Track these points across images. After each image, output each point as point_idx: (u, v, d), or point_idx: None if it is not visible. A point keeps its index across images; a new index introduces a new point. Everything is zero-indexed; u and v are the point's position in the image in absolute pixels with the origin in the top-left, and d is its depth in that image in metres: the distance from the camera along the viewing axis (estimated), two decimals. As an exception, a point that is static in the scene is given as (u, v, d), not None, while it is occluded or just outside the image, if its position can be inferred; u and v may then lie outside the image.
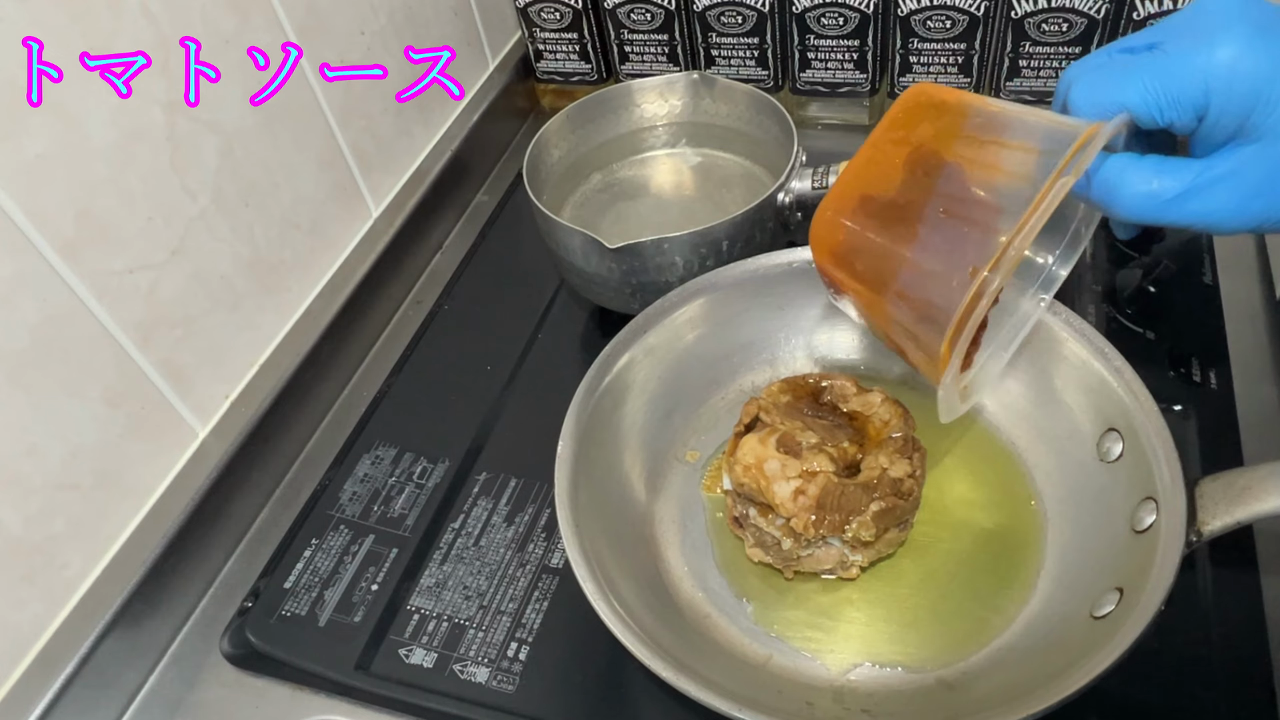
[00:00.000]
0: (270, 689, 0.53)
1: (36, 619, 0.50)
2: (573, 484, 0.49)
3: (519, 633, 0.52)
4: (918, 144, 0.43)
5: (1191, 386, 0.58)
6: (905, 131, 0.44)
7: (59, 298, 0.48)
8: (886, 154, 0.44)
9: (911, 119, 0.44)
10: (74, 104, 0.48)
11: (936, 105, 0.43)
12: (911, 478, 0.49)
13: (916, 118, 0.44)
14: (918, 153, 0.43)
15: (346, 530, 0.58)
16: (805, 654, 0.49)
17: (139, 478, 0.55)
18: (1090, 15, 0.69)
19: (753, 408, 0.53)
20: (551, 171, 0.73)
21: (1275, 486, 0.42)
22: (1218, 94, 0.36)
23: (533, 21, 0.84)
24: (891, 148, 0.44)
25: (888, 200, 0.43)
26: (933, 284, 0.41)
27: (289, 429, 0.64)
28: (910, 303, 0.43)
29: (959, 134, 0.42)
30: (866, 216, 0.44)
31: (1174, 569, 0.41)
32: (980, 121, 0.41)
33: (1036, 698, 0.39)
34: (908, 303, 0.43)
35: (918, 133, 0.43)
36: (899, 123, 0.44)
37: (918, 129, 0.43)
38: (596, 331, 0.69)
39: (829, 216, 0.46)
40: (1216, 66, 0.36)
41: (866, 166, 0.45)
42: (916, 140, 0.43)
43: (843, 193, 0.45)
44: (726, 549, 0.54)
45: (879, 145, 0.45)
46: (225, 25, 0.56)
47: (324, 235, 0.68)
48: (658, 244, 0.60)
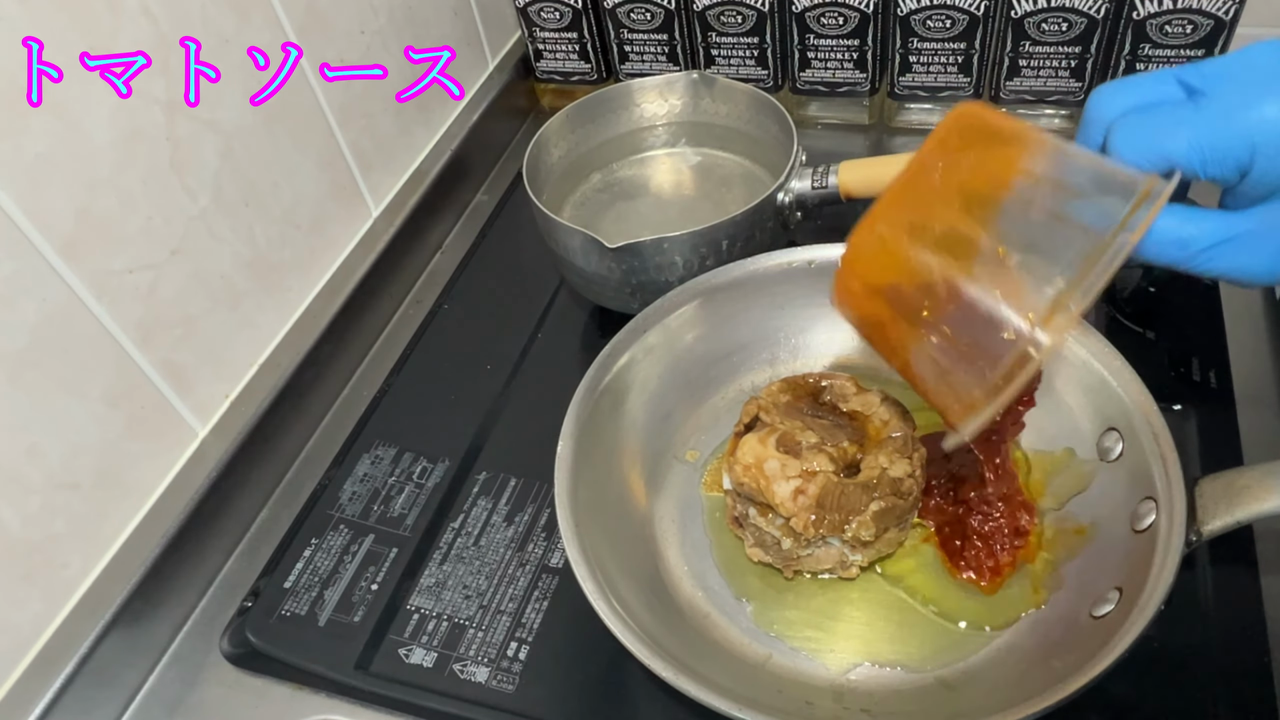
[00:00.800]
0: (270, 688, 0.53)
1: (36, 618, 0.50)
2: (572, 483, 0.49)
3: (519, 632, 0.52)
4: (970, 173, 0.41)
5: (1191, 386, 0.58)
6: (956, 156, 0.42)
7: (59, 297, 0.48)
8: (935, 179, 0.42)
9: (963, 144, 0.42)
10: (74, 104, 0.48)
11: (989, 132, 0.41)
12: (911, 477, 0.49)
13: (968, 143, 0.42)
14: (970, 183, 0.41)
15: (346, 530, 0.58)
16: (805, 653, 0.49)
17: (139, 477, 0.55)
18: (1090, 15, 0.69)
19: (752, 407, 0.53)
20: (551, 171, 0.73)
21: (1275, 486, 0.42)
22: (1264, 152, 0.35)
23: (532, 21, 0.84)
24: (941, 172, 0.42)
25: (941, 229, 0.41)
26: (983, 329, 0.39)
27: (289, 428, 0.64)
28: (951, 342, 0.41)
29: (1013, 167, 0.39)
30: (915, 242, 0.42)
31: (1174, 569, 0.41)
32: (1034, 157, 0.39)
33: (1036, 698, 0.39)
34: (948, 341, 0.41)
35: (969, 160, 0.41)
36: (949, 146, 0.42)
37: (969, 155, 0.41)
38: (596, 331, 0.69)
39: (873, 236, 0.43)
40: (1265, 124, 0.35)
41: (913, 189, 0.43)
42: (968, 169, 0.41)
43: (888, 213, 0.43)
44: (726, 548, 0.54)
45: (927, 168, 0.42)
46: (225, 25, 0.56)
47: (324, 235, 0.68)
48: (657, 243, 0.60)
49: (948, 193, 0.41)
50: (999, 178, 0.40)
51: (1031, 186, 0.39)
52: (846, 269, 0.45)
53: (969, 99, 0.77)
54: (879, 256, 0.43)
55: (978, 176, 0.41)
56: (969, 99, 0.77)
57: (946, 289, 0.40)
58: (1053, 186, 0.39)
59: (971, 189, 0.41)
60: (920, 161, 0.43)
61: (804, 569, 0.51)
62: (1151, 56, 0.70)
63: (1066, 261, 0.37)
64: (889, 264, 0.42)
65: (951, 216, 0.41)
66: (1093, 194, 0.38)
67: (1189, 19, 0.67)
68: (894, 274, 0.42)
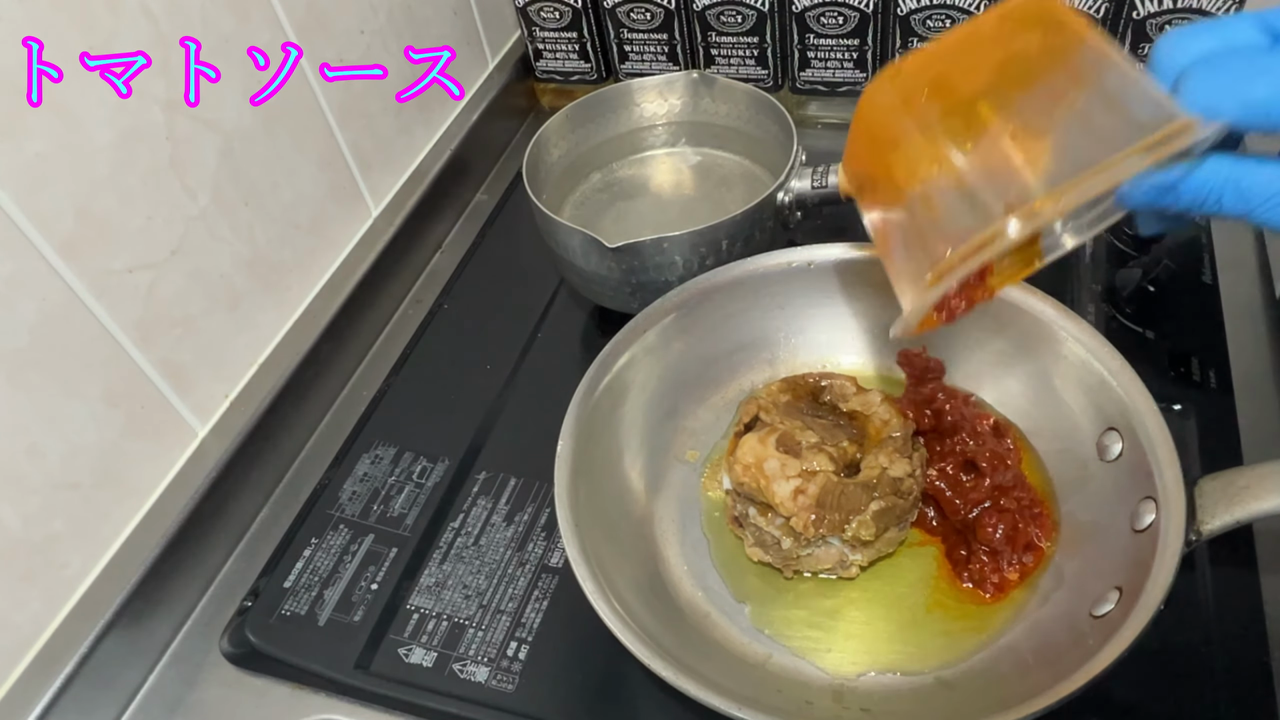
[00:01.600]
0: (270, 688, 0.53)
1: (36, 618, 0.50)
2: (572, 483, 0.49)
3: (518, 632, 0.52)
4: (1018, 51, 0.39)
5: (1191, 386, 0.58)
6: (1013, 29, 0.40)
7: (58, 297, 0.48)
8: (985, 44, 0.40)
9: (1026, 23, 0.39)
10: (74, 103, 0.48)
11: (1055, 22, 0.39)
12: (911, 477, 0.49)
13: (1030, 24, 0.39)
14: (1015, 61, 0.39)
15: (346, 529, 0.58)
16: (804, 653, 0.49)
17: (138, 477, 0.55)
18: (1090, 15, 0.69)
19: (752, 407, 0.53)
20: (551, 171, 0.73)
21: (1274, 486, 0.42)
22: None
23: (532, 21, 0.84)
24: (992, 42, 0.40)
25: (965, 92, 0.40)
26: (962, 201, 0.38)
27: (288, 428, 0.64)
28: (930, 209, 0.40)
29: (1065, 60, 0.37)
30: (937, 95, 0.40)
31: (1173, 568, 0.41)
32: (1092, 58, 0.37)
33: (1036, 697, 0.39)
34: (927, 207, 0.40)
35: (1024, 39, 0.39)
36: (1011, 19, 0.40)
37: (1026, 35, 0.39)
38: (596, 331, 0.69)
39: (892, 80, 0.42)
40: None
41: (954, 49, 0.41)
42: (1020, 46, 0.39)
43: (917, 60, 0.41)
44: (726, 548, 0.54)
45: (982, 32, 0.40)
46: (225, 25, 0.56)
47: (324, 235, 0.68)
48: (657, 243, 0.60)
49: (987, 62, 0.39)
50: (1045, 65, 0.38)
51: (1073, 85, 0.37)
52: (858, 116, 0.44)
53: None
54: (890, 106, 0.41)
55: (1024, 57, 0.39)
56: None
57: (944, 152, 0.39)
58: (1095, 92, 0.37)
59: (1012, 67, 0.39)
60: (973, 26, 0.41)
61: (804, 569, 0.51)
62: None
63: (1070, 161, 0.36)
64: (898, 115, 0.41)
65: (979, 82, 0.39)
66: (1132, 111, 0.36)
67: (1189, 18, 0.67)
68: (900, 123, 0.41)
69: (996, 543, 0.49)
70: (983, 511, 0.50)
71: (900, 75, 0.42)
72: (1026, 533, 0.50)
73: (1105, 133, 0.36)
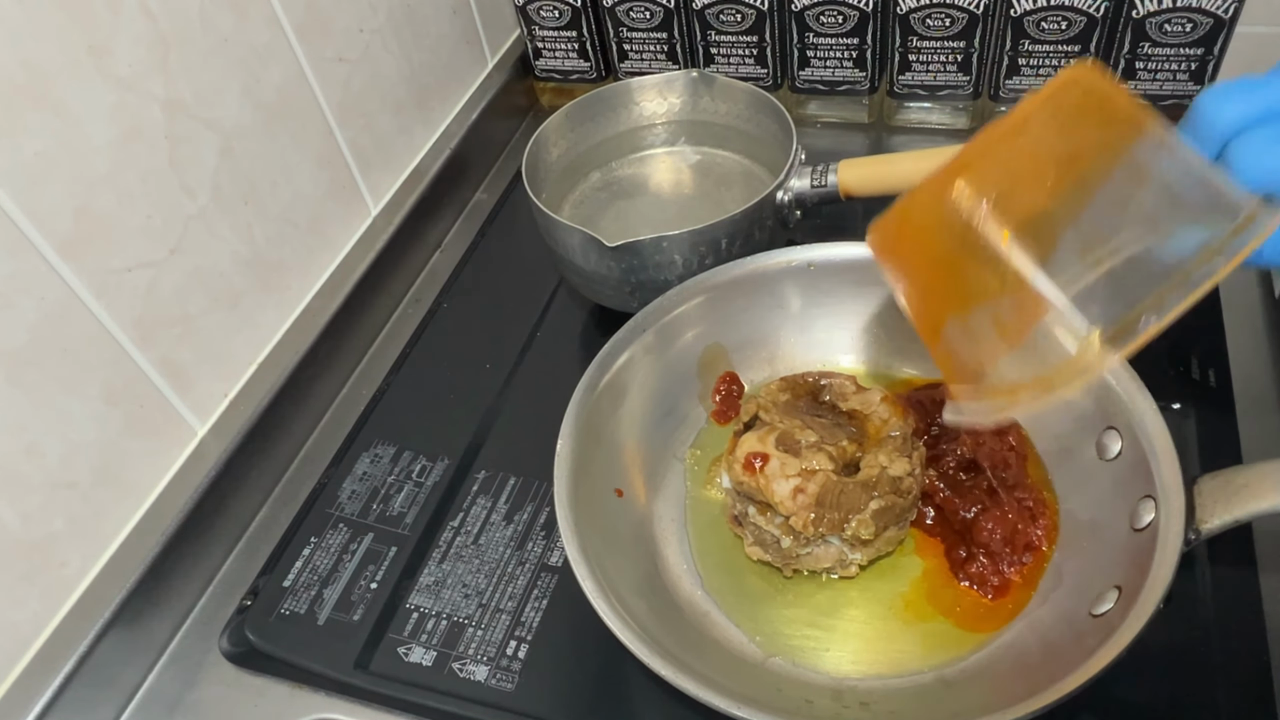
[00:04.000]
0: (269, 687, 0.53)
1: (35, 617, 0.50)
2: (572, 482, 0.49)
3: (518, 631, 0.52)
4: (1075, 150, 0.37)
5: (1190, 385, 0.58)
6: (1064, 123, 0.38)
7: (57, 296, 0.48)
8: (1040, 146, 0.38)
9: (1075, 112, 0.37)
10: (73, 102, 0.48)
11: (1106, 105, 0.37)
12: (911, 476, 0.49)
13: (1083, 114, 0.37)
14: (1074, 162, 0.37)
15: (345, 528, 0.58)
16: (804, 652, 0.49)
17: (138, 476, 0.55)
18: (1089, 14, 0.69)
19: (752, 406, 0.53)
20: (550, 170, 0.73)
21: (1274, 485, 0.42)
22: None
23: (531, 19, 0.84)
24: (1047, 138, 0.38)
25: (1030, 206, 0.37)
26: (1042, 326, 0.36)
27: (288, 427, 0.64)
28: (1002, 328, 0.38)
29: (1121, 154, 0.36)
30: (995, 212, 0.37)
31: (1173, 567, 0.41)
32: (1147, 148, 0.35)
33: (1036, 696, 0.39)
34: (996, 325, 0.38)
35: (1080, 135, 0.37)
36: (1059, 110, 0.38)
37: (1082, 130, 0.37)
38: (595, 330, 0.69)
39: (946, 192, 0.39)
40: None
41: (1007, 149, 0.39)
42: (1075, 143, 0.37)
43: (973, 169, 0.39)
44: (726, 547, 0.54)
45: (1028, 127, 0.38)
46: (224, 23, 0.56)
47: (323, 234, 0.68)
48: (657, 242, 0.60)
49: (1044, 166, 0.38)
50: (1104, 161, 0.36)
51: (1134, 180, 0.36)
52: (901, 216, 0.42)
53: (968, 98, 0.77)
54: (949, 214, 0.39)
55: (1082, 157, 0.37)
56: (968, 98, 0.77)
57: (1016, 274, 0.36)
58: (1156, 186, 0.35)
59: (1072, 171, 0.37)
60: (1024, 116, 0.38)
61: (803, 567, 0.51)
62: (1151, 55, 0.70)
63: (1149, 276, 0.34)
64: (959, 227, 0.38)
65: (1042, 196, 0.37)
66: (1194, 205, 0.34)
67: (1188, 18, 0.67)
68: (961, 239, 0.38)
69: (994, 545, 0.49)
70: (981, 512, 0.50)
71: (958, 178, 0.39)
72: (1026, 533, 0.50)
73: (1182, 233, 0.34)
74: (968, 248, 0.38)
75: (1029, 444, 0.54)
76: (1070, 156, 0.37)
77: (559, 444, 0.50)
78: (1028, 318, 0.37)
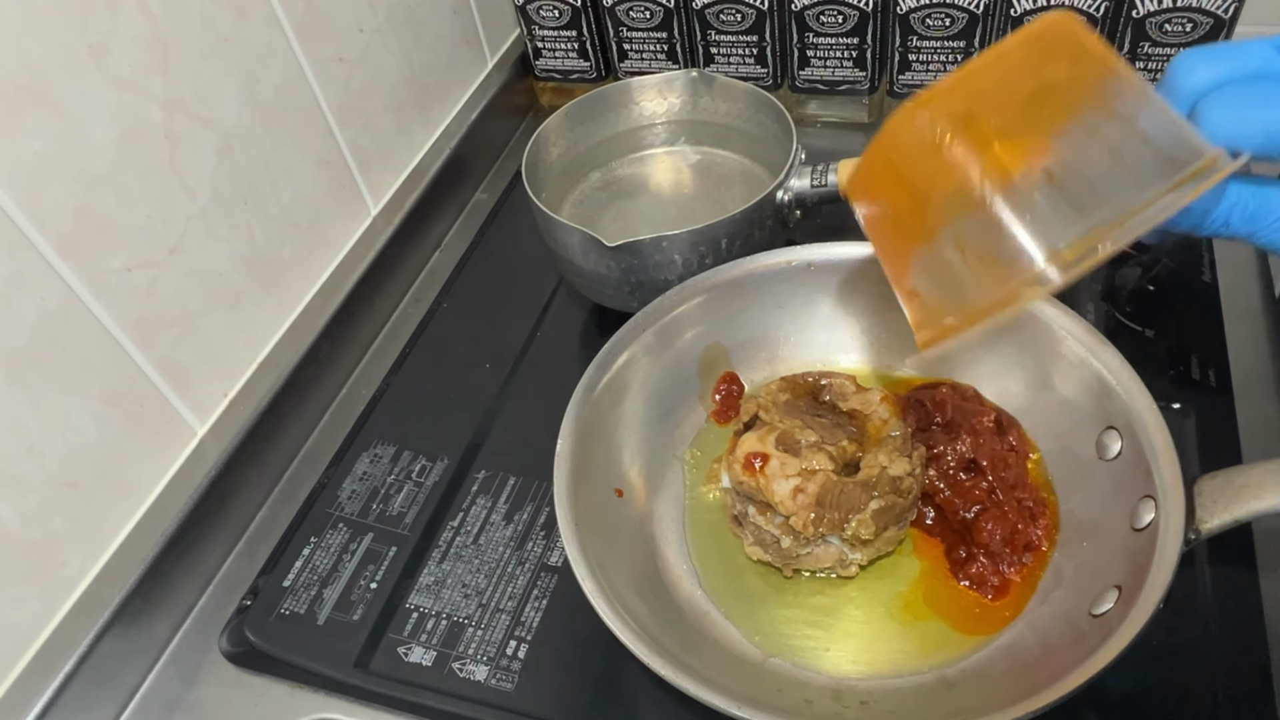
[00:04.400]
0: (269, 687, 0.53)
1: (35, 617, 0.50)
2: (572, 482, 0.49)
3: (518, 631, 0.52)
4: (1047, 82, 0.39)
5: (1190, 385, 0.58)
6: (1040, 58, 0.39)
7: (57, 296, 0.48)
8: (1013, 74, 0.40)
9: (1050, 51, 0.39)
10: (72, 102, 0.48)
11: (1081, 50, 0.38)
12: (911, 476, 0.49)
13: (1055, 53, 0.39)
14: (1045, 93, 0.38)
15: (345, 528, 0.58)
16: (804, 652, 0.49)
17: (138, 476, 0.55)
18: (1089, 13, 0.69)
19: (752, 406, 0.53)
20: (550, 169, 0.73)
21: (1273, 484, 0.42)
22: None
23: (531, 19, 0.84)
24: (1020, 71, 0.39)
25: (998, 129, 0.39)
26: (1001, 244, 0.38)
27: (288, 427, 0.64)
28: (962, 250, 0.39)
29: (1092, 93, 0.37)
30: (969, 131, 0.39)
31: (1172, 567, 0.41)
32: (1118, 90, 0.37)
33: (1036, 696, 0.39)
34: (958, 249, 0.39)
35: (1052, 70, 0.39)
36: (1034, 49, 0.39)
37: (1053, 66, 0.39)
38: (595, 330, 0.69)
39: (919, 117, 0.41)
40: None
41: (981, 80, 0.40)
42: (1049, 77, 0.39)
43: (945, 96, 0.41)
44: (725, 547, 0.54)
45: (1003, 62, 0.40)
46: (224, 23, 0.56)
47: (322, 233, 0.68)
48: (656, 242, 0.60)
49: (1017, 95, 0.39)
50: (1075, 98, 0.38)
51: (1103, 118, 0.37)
52: (877, 149, 0.43)
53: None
54: (919, 141, 0.41)
55: (1054, 89, 0.38)
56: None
57: (980, 196, 0.38)
58: (1123, 125, 0.37)
59: (1042, 100, 0.38)
60: (999, 54, 0.40)
61: (803, 567, 0.51)
62: (1151, 54, 0.70)
63: (1109, 203, 0.36)
64: (928, 151, 0.40)
65: (1012, 121, 0.39)
66: (1159, 146, 0.36)
67: (1188, 17, 0.67)
68: (929, 163, 0.40)
69: (994, 545, 0.49)
70: (980, 512, 0.50)
71: (928, 107, 0.41)
72: (1026, 533, 0.50)
73: (1137, 172, 0.36)
74: (936, 170, 0.40)
75: (1029, 443, 0.54)
76: (1043, 89, 0.39)
77: (559, 444, 0.50)
78: (991, 238, 0.38)
